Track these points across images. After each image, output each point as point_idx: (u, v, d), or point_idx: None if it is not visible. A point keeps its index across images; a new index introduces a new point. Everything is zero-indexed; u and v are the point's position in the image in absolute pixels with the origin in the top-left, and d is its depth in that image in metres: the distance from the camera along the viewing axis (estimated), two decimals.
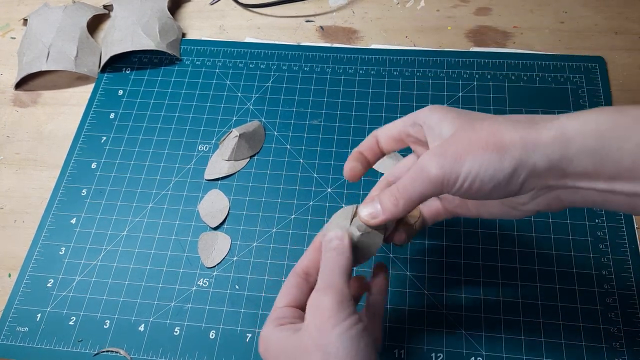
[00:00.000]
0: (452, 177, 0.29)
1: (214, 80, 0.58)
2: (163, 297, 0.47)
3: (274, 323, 0.33)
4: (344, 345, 0.29)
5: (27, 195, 0.53)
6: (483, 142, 0.29)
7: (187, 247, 0.49)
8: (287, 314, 0.33)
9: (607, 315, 0.43)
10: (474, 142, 0.29)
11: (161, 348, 0.44)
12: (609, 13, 0.60)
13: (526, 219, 0.48)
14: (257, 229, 0.49)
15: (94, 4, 0.65)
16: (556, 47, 0.58)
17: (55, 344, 0.45)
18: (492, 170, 0.29)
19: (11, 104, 0.60)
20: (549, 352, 0.42)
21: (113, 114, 0.57)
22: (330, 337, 0.29)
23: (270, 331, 0.32)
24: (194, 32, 0.63)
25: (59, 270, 0.48)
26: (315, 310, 0.30)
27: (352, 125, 0.54)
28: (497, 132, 0.29)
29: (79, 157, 0.54)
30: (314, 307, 0.31)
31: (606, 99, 0.53)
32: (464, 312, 0.44)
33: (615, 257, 0.46)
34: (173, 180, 0.52)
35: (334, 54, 0.59)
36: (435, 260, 0.47)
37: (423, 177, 0.30)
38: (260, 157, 0.53)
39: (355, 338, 0.29)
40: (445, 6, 0.62)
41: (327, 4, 0.64)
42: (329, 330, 0.29)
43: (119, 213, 0.51)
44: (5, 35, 0.65)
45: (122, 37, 0.59)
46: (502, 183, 0.29)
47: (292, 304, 0.34)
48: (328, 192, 0.51)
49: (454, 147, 0.30)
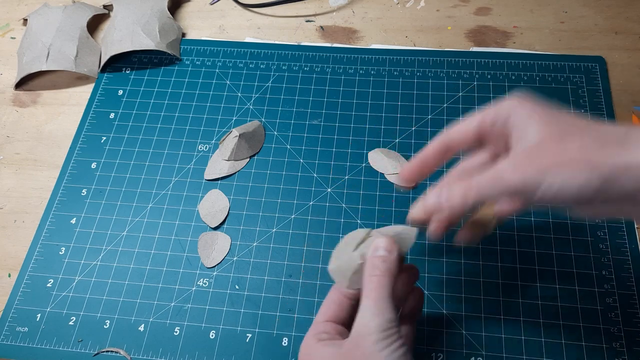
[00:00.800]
0: (532, 187, 0.28)
1: (214, 80, 0.58)
2: (163, 297, 0.47)
3: (315, 338, 0.34)
4: None
5: (27, 195, 0.53)
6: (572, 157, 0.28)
7: (187, 247, 0.49)
8: (327, 329, 0.34)
9: (607, 315, 0.43)
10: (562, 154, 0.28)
11: (161, 348, 0.44)
12: (609, 13, 0.60)
13: (526, 219, 0.48)
14: (257, 229, 0.49)
15: (94, 4, 0.65)
16: (556, 47, 0.58)
17: (55, 344, 0.45)
18: (576, 186, 0.27)
19: (11, 104, 0.60)
20: (549, 352, 0.42)
21: (113, 114, 0.57)
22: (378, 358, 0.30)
23: (312, 345, 0.33)
24: (194, 32, 0.63)
25: (59, 270, 0.48)
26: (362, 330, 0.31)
27: (352, 125, 0.54)
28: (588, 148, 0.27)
29: (79, 157, 0.54)
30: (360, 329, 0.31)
31: (606, 99, 0.53)
32: (464, 312, 0.44)
33: (615, 257, 0.46)
34: (173, 180, 0.52)
35: (334, 54, 0.59)
36: (435, 260, 0.47)
37: (502, 184, 0.29)
38: (260, 157, 0.53)
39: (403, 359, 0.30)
40: (445, 6, 0.62)
41: (327, 4, 0.64)
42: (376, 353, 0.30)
43: (119, 213, 0.51)
44: (5, 35, 0.65)
45: (122, 37, 0.59)
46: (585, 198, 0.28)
47: (332, 320, 0.35)
48: (328, 192, 0.51)
49: (539, 157, 0.28)
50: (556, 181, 0.28)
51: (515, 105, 0.31)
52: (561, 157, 0.28)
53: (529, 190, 0.28)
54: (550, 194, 0.28)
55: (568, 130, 0.29)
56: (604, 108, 0.53)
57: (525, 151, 0.29)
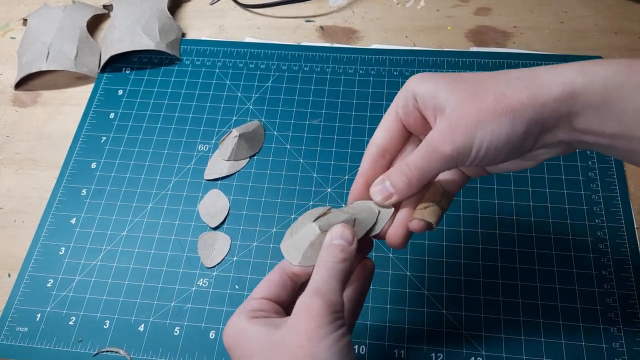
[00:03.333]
0: (465, 150, 0.29)
1: (213, 80, 0.58)
2: (163, 297, 0.47)
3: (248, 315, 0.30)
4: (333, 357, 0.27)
5: (27, 195, 0.53)
6: (491, 109, 0.28)
7: (187, 247, 0.49)
8: (263, 307, 0.31)
9: (607, 315, 0.43)
10: (482, 111, 0.29)
11: (161, 348, 0.44)
12: (609, 13, 0.60)
13: (526, 219, 0.48)
14: (257, 229, 0.49)
15: (94, 4, 0.65)
16: (556, 47, 0.58)
17: (55, 344, 0.45)
18: (505, 135, 0.28)
19: (11, 104, 0.60)
20: (549, 352, 0.42)
21: (113, 113, 0.57)
22: (320, 347, 0.27)
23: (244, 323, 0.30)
24: (194, 32, 0.63)
25: (58, 270, 0.48)
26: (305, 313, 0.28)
27: (352, 125, 0.54)
28: (503, 96, 0.28)
29: (79, 157, 0.54)
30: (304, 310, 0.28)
31: None
32: (464, 312, 0.44)
33: (615, 257, 0.46)
34: (173, 180, 0.52)
35: (334, 54, 0.59)
36: (435, 260, 0.47)
37: (437, 157, 0.30)
38: (260, 157, 0.53)
39: (344, 350, 0.28)
40: (445, 6, 0.62)
41: (327, 4, 0.64)
42: (319, 339, 0.27)
43: (119, 213, 0.51)
44: (5, 35, 0.65)
45: (122, 37, 0.59)
46: (516, 145, 0.29)
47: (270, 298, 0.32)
48: (328, 192, 0.51)
49: (462, 121, 0.29)
50: (485, 138, 0.28)
51: (417, 82, 0.32)
52: (482, 113, 0.28)
53: (463, 155, 0.29)
54: (483, 151, 0.29)
55: (478, 87, 0.30)
56: None
57: (447, 120, 0.30)
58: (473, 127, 0.29)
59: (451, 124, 0.29)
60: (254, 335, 0.29)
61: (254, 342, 0.29)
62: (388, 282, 0.46)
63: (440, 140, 0.30)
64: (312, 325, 0.28)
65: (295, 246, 0.33)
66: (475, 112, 0.29)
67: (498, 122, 0.28)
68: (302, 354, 0.27)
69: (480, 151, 0.29)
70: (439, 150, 0.30)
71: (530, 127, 0.28)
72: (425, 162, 0.30)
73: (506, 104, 0.28)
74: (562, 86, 0.28)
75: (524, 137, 0.29)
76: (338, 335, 0.28)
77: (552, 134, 0.29)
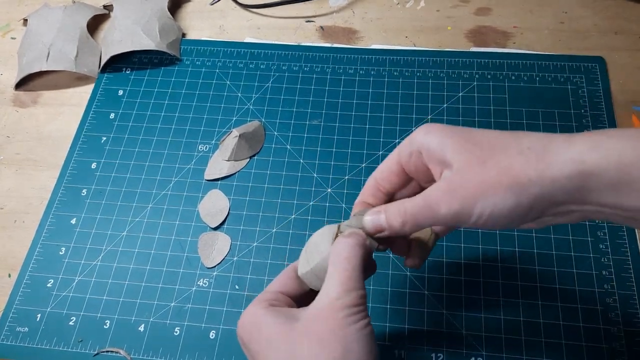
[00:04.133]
0: (462, 217, 0.28)
1: (214, 81, 0.58)
2: (163, 297, 0.47)
3: (266, 303, 0.31)
4: (362, 342, 0.28)
5: (27, 196, 0.53)
6: (496, 182, 0.27)
7: (187, 247, 0.49)
8: (280, 298, 0.32)
9: (607, 316, 0.43)
10: (485, 183, 0.28)
11: (161, 348, 0.44)
12: (609, 13, 0.60)
13: None
14: (257, 229, 0.49)
15: (94, 4, 0.65)
16: (556, 47, 0.58)
17: (55, 344, 0.45)
18: (507, 210, 0.27)
19: (11, 104, 0.60)
20: (549, 352, 0.42)
21: (113, 114, 0.57)
22: (349, 331, 0.28)
23: (262, 310, 0.30)
24: (194, 32, 0.63)
25: (59, 270, 0.48)
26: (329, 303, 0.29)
27: (352, 125, 0.54)
28: (511, 169, 0.27)
29: (79, 157, 0.54)
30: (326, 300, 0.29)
31: (606, 99, 0.53)
32: (464, 312, 0.44)
33: (615, 257, 0.46)
34: (173, 180, 0.52)
35: (334, 54, 0.59)
36: (435, 260, 0.47)
37: (432, 214, 0.29)
38: (260, 157, 0.53)
39: (370, 337, 0.29)
40: (445, 6, 0.62)
41: (327, 4, 0.64)
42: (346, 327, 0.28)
43: (119, 213, 0.51)
44: (5, 35, 0.65)
45: (122, 37, 0.59)
46: (519, 217, 0.28)
47: (285, 293, 0.33)
48: (328, 192, 0.51)
49: (463, 188, 0.28)
50: (486, 209, 0.28)
51: (423, 134, 0.31)
52: (486, 184, 0.28)
53: (459, 220, 0.29)
54: (483, 220, 0.28)
55: (486, 151, 0.29)
56: (604, 108, 0.53)
57: (449, 182, 0.29)
58: (474, 198, 0.28)
59: (451, 188, 0.29)
60: (272, 321, 0.30)
61: (272, 328, 0.30)
62: (388, 282, 0.46)
63: (437, 200, 0.29)
64: (339, 316, 0.29)
65: (315, 274, 0.33)
66: (479, 183, 0.28)
67: (502, 196, 0.27)
68: (334, 337, 0.28)
69: (479, 219, 0.28)
70: (434, 209, 0.29)
71: (537, 203, 0.27)
72: (420, 215, 0.30)
73: (513, 177, 0.27)
74: (573, 164, 0.26)
75: (528, 211, 0.28)
76: (365, 322, 0.29)
77: (564, 206, 0.28)
